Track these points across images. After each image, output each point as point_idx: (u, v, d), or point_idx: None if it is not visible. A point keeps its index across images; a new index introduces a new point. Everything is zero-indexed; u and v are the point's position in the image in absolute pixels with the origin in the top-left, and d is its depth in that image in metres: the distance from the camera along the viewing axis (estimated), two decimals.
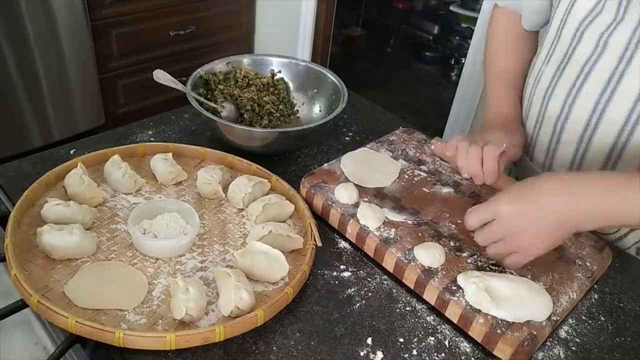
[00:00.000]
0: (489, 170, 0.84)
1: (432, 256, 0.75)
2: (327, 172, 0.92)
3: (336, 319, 0.73)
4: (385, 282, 0.79)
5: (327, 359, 0.67)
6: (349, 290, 0.77)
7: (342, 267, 0.81)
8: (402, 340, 0.71)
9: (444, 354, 0.70)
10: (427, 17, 3.92)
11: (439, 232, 0.81)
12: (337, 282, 0.78)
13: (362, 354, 0.68)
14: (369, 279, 0.79)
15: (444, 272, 0.75)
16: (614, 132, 0.83)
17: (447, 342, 0.71)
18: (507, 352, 0.67)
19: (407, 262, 0.76)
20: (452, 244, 0.80)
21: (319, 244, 0.80)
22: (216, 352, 0.66)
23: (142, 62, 2.50)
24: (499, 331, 0.68)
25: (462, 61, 3.21)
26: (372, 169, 0.93)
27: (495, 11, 1.09)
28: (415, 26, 3.98)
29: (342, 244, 0.85)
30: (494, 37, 1.09)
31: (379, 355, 0.68)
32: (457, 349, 0.71)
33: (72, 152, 0.96)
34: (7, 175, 0.89)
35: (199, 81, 1.07)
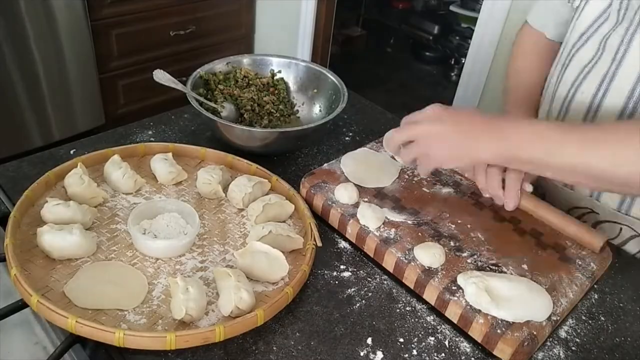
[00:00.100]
0: (511, 196, 0.81)
1: (432, 256, 0.75)
2: (327, 172, 0.92)
3: (336, 319, 0.73)
4: (385, 282, 0.79)
5: (327, 359, 0.67)
6: (349, 290, 0.77)
7: (342, 267, 0.81)
8: (402, 340, 0.71)
9: (444, 354, 0.70)
10: (427, 17, 3.92)
11: (439, 232, 0.81)
12: (337, 282, 0.78)
13: (362, 354, 0.68)
14: (369, 279, 0.79)
15: (444, 272, 0.75)
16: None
17: (447, 342, 0.71)
18: (507, 352, 0.67)
19: (407, 262, 0.76)
20: (452, 244, 0.80)
21: (319, 244, 0.80)
22: (216, 352, 0.66)
23: (142, 62, 2.50)
24: (499, 331, 0.68)
25: (462, 61, 3.21)
26: (372, 169, 0.93)
27: (521, 32, 1.09)
28: (415, 26, 3.98)
29: (342, 244, 0.85)
30: (518, 54, 1.09)
31: (379, 355, 0.68)
32: (457, 349, 0.71)
33: (72, 152, 0.96)
34: (7, 175, 0.89)
35: (199, 81, 1.07)
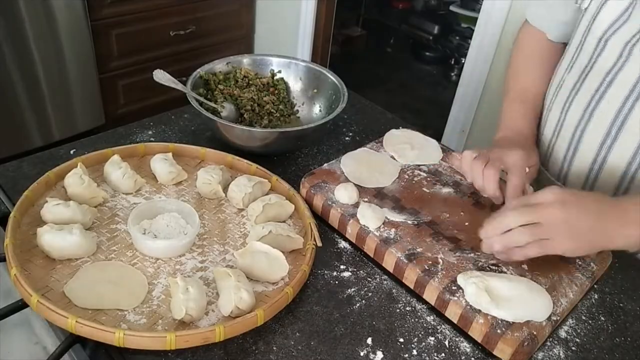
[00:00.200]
0: (491, 194, 0.82)
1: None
2: (327, 172, 0.92)
3: (336, 319, 0.73)
4: (385, 282, 0.79)
5: (327, 359, 0.67)
6: (349, 290, 0.77)
7: (342, 267, 0.81)
8: (402, 340, 0.71)
9: (444, 354, 0.70)
10: (427, 17, 3.92)
11: (439, 232, 0.81)
12: (337, 282, 0.78)
13: (362, 354, 0.68)
14: (369, 279, 0.79)
15: (444, 272, 0.75)
16: (634, 145, 0.82)
17: (447, 342, 0.71)
18: (507, 352, 0.67)
19: (407, 262, 0.76)
20: (452, 244, 0.80)
21: (319, 244, 0.80)
22: (216, 352, 0.66)
23: (142, 62, 2.50)
24: (499, 331, 0.68)
25: (462, 61, 3.21)
26: (372, 169, 0.93)
27: (522, 30, 1.07)
28: (415, 26, 3.98)
29: (342, 244, 0.85)
30: (518, 55, 1.06)
31: (379, 355, 0.68)
32: (457, 349, 0.71)
33: (72, 152, 0.96)
34: (7, 175, 0.89)
35: (199, 81, 1.07)
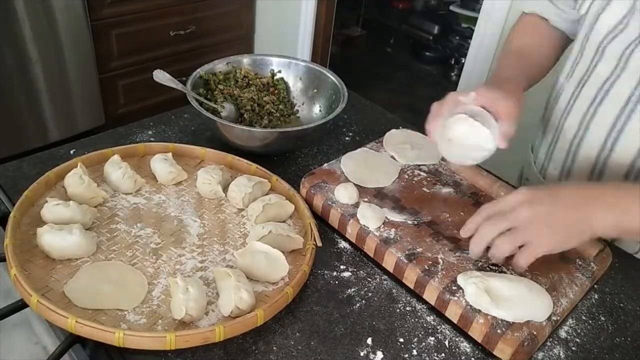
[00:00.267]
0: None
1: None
2: (327, 172, 0.92)
3: (336, 319, 0.73)
4: (385, 282, 0.79)
5: (327, 359, 0.67)
6: (349, 290, 0.77)
7: (342, 267, 0.81)
8: (402, 340, 0.71)
9: (444, 354, 0.70)
10: (427, 17, 3.92)
11: (439, 232, 0.81)
12: (337, 282, 0.78)
13: (362, 354, 0.68)
14: (369, 279, 0.79)
15: (444, 272, 0.75)
16: (631, 153, 0.82)
17: (447, 342, 0.71)
18: (507, 352, 0.67)
19: (407, 262, 0.76)
20: (452, 244, 0.80)
21: (319, 244, 0.80)
22: (216, 352, 0.66)
23: (142, 62, 2.50)
24: (499, 331, 0.68)
25: (462, 61, 3.21)
26: (372, 169, 0.93)
27: (521, 15, 1.04)
28: (415, 26, 3.98)
29: (342, 244, 0.85)
30: (516, 29, 1.02)
31: (379, 355, 0.68)
32: (457, 349, 0.71)
33: (72, 152, 0.96)
34: (7, 175, 0.89)
35: (199, 81, 1.07)
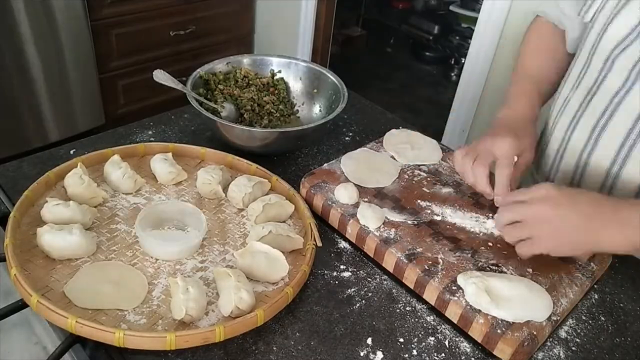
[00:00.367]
0: (499, 193, 0.80)
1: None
2: (327, 172, 0.92)
3: (336, 319, 0.73)
4: (385, 282, 0.79)
5: (327, 359, 0.67)
6: (349, 290, 0.77)
7: (342, 267, 0.81)
8: (402, 340, 0.71)
9: (444, 354, 0.70)
10: (427, 17, 3.93)
11: (439, 232, 0.81)
12: (337, 282, 0.78)
13: (362, 354, 0.68)
14: (369, 279, 0.79)
15: (444, 272, 0.75)
16: None
17: (447, 342, 0.71)
18: (507, 352, 0.67)
19: (407, 262, 0.76)
20: (452, 244, 0.80)
21: (319, 244, 0.80)
22: (216, 352, 0.66)
23: (142, 62, 2.50)
24: (499, 331, 0.68)
25: (462, 61, 3.21)
26: (372, 169, 0.93)
27: (534, 21, 1.04)
28: (415, 26, 3.98)
29: (342, 244, 0.85)
30: (529, 41, 1.03)
31: (379, 355, 0.68)
32: (457, 349, 0.71)
33: (72, 152, 0.96)
34: (7, 175, 0.89)
35: (199, 81, 1.07)
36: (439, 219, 0.84)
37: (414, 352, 0.69)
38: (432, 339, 0.71)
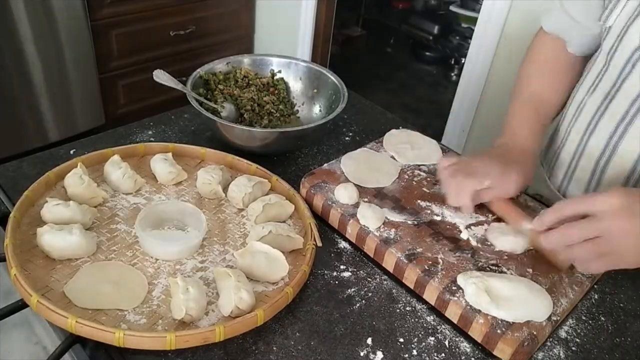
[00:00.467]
0: (462, 205, 0.81)
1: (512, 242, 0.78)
2: (327, 172, 0.92)
3: (336, 319, 0.73)
4: (385, 282, 0.79)
5: (327, 359, 0.67)
6: (349, 290, 0.77)
7: (342, 267, 0.81)
8: (402, 340, 0.71)
9: (444, 354, 0.70)
10: (427, 17, 3.92)
11: (439, 232, 0.81)
12: (337, 282, 0.78)
13: (362, 354, 0.68)
14: (369, 279, 0.79)
15: (444, 272, 0.75)
16: None
17: (447, 342, 0.71)
18: (507, 352, 0.67)
19: (407, 262, 0.76)
20: (452, 244, 0.80)
21: (319, 244, 0.80)
22: (216, 352, 0.66)
23: (142, 62, 2.50)
24: (499, 331, 0.68)
25: (462, 61, 3.22)
26: (372, 169, 0.93)
27: (539, 35, 1.00)
28: (415, 26, 3.98)
29: (342, 244, 0.85)
30: (532, 60, 0.99)
31: (379, 355, 0.68)
32: (457, 349, 0.71)
33: (72, 152, 0.96)
34: (7, 175, 0.89)
35: (199, 81, 1.07)
36: (439, 219, 0.84)
37: (414, 352, 0.69)
38: (432, 339, 0.71)
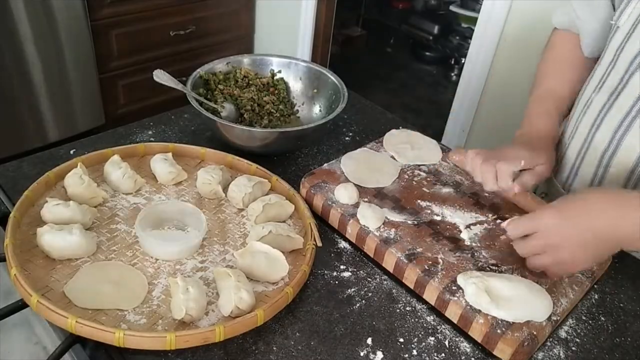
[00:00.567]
0: (503, 187, 0.82)
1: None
2: (327, 172, 0.92)
3: (336, 319, 0.73)
4: (385, 282, 0.79)
5: (327, 359, 0.67)
6: (349, 290, 0.77)
7: (342, 267, 0.81)
8: (402, 340, 0.71)
9: (444, 354, 0.70)
10: (427, 17, 3.92)
11: (439, 232, 0.81)
12: (337, 282, 0.78)
13: (362, 354, 0.68)
14: (369, 279, 0.79)
15: (444, 272, 0.75)
16: None
17: (447, 342, 0.71)
18: (507, 352, 0.67)
19: (407, 262, 0.76)
20: (452, 244, 0.80)
21: (319, 244, 0.80)
22: (216, 352, 0.66)
23: (142, 62, 2.50)
24: (499, 331, 0.68)
25: (462, 61, 3.21)
26: (372, 169, 0.93)
27: (554, 34, 1.04)
28: (415, 26, 3.98)
29: (342, 244, 0.85)
30: (547, 58, 1.04)
31: (379, 355, 0.68)
32: (457, 349, 0.71)
33: (72, 152, 0.96)
34: (7, 175, 0.89)
35: (199, 81, 1.07)
36: (439, 219, 0.84)
37: (414, 352, 0.69)
38: (432, 339, 0.71)
